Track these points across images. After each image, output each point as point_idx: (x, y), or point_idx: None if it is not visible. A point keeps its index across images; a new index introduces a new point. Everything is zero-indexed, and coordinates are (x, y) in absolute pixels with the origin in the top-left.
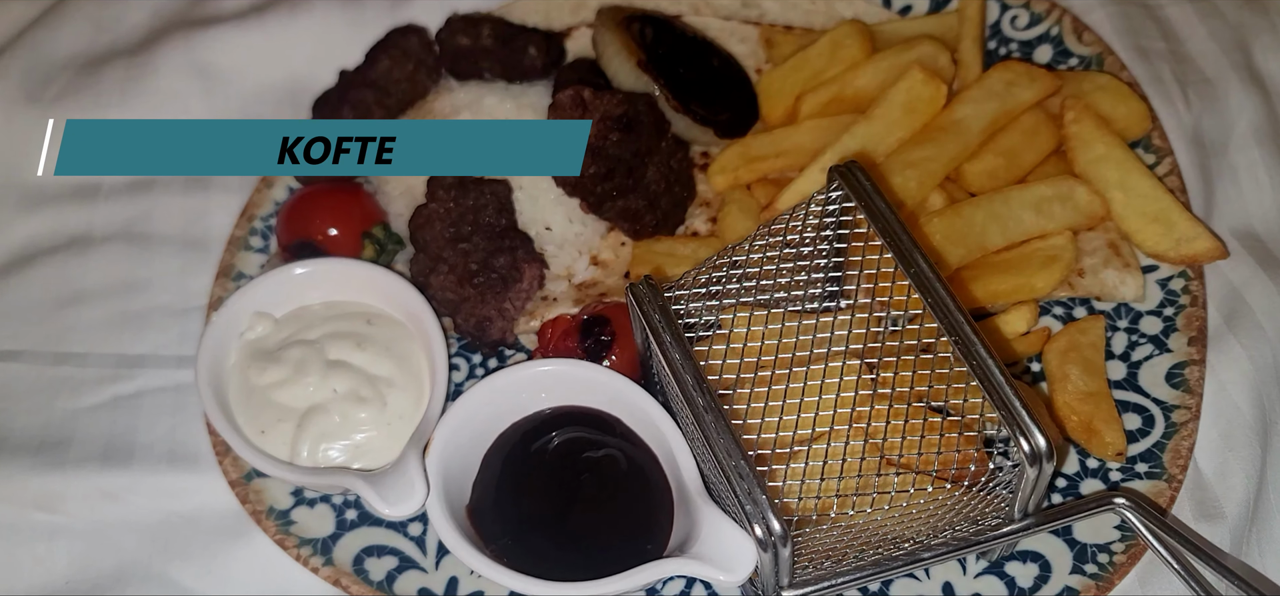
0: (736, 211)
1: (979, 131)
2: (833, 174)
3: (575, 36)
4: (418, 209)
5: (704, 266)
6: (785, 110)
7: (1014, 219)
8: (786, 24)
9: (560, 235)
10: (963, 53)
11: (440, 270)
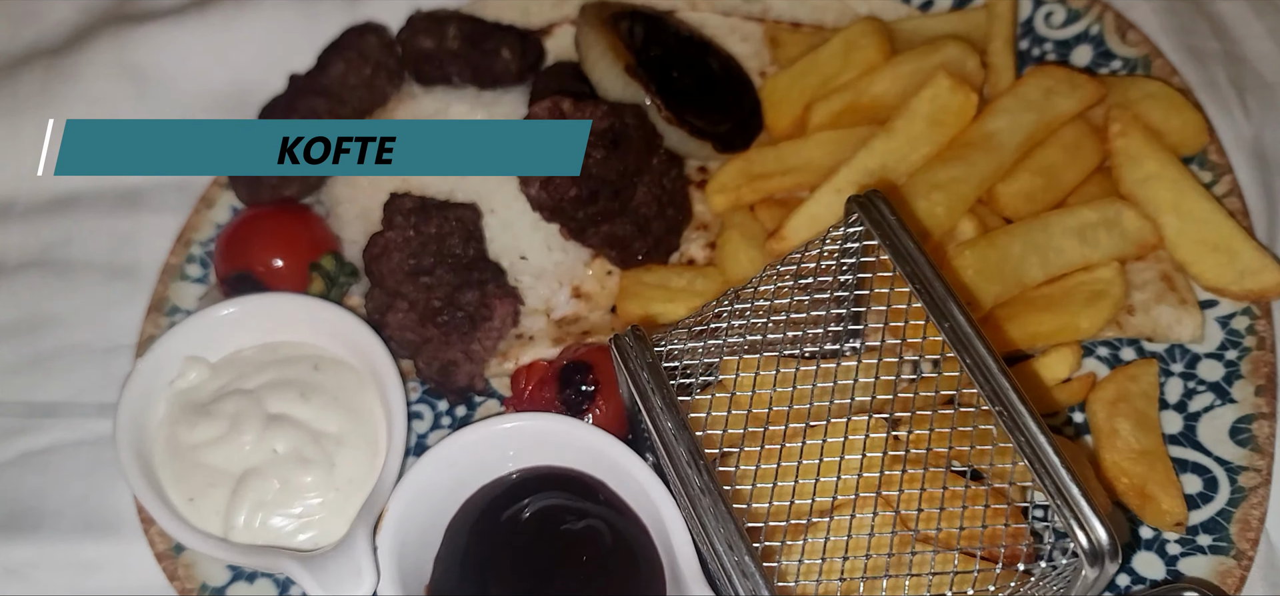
0: (738, 238)
1: (1014, 147)
2: (852, 205)
3: (556, 35)
4: (373, 237)
5: (701, 314)
6: (793, 120)
7: (1055, 249)
8: (794, 21)
9: (537, 264)
10: (993, 55)
11: (398, 307)
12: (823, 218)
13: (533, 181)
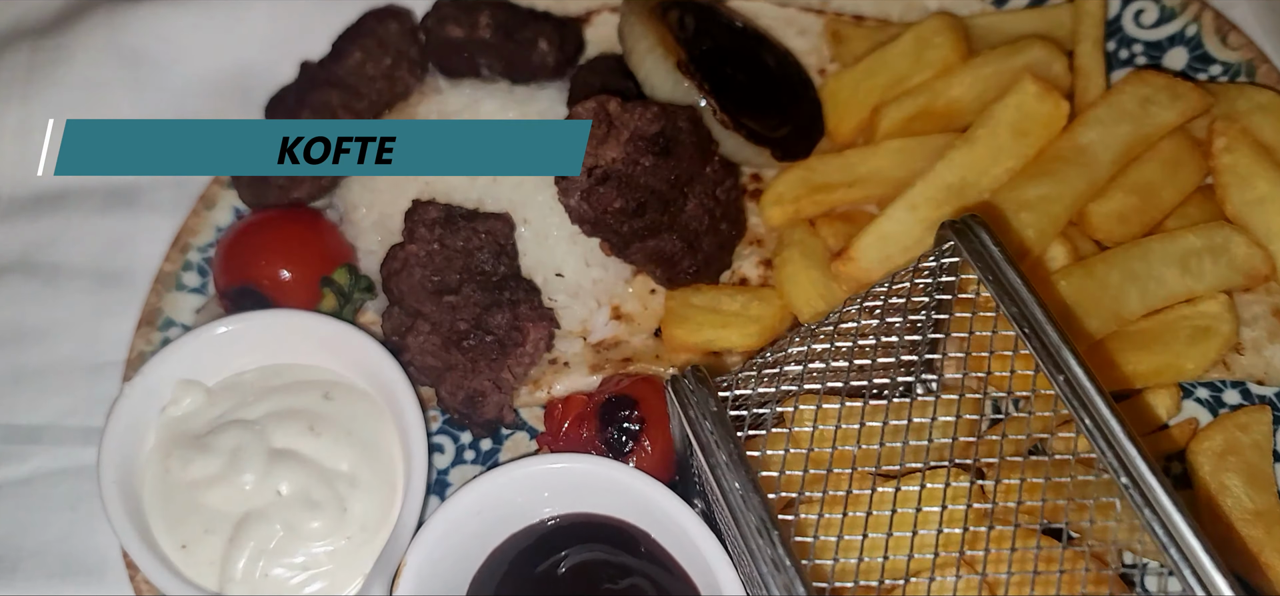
0: (799, 257)
1: (1109, 163)
2: (946, 231)
3: (596, 24)
4: (392, 250)
5: (770, 353)
6: (858, 124)
7: (1155, 278)
8: (857, 14)
9: (574, 282)
10: (1081, 57)
11: (420, 329)
12: (896, 237)
13: (573, 190)
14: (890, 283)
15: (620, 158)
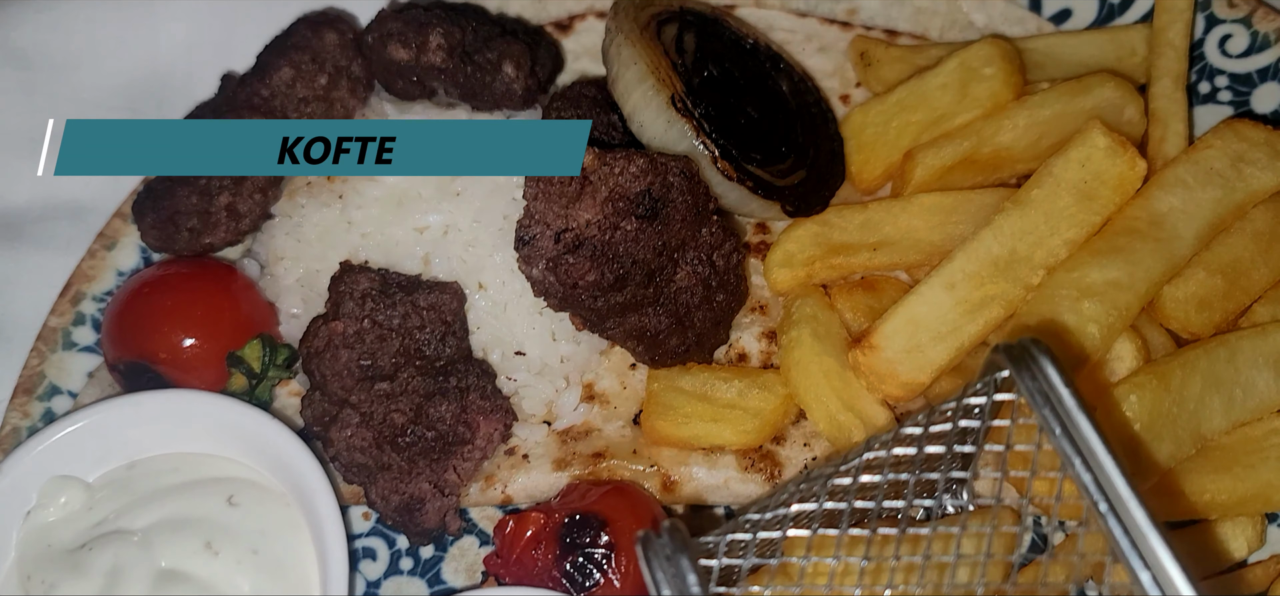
0: (809, 341)
1: (1192, 237)
2: (1000, 358)
3: (579, 32)
4: (314, 324)
5: (770, 507)
6: (886, 169)
7: (1243, 384)
8: (888, 28)
9: (539, 359)
10: (1158, 99)
11: (347, 421)
12: (928, 323)
13: (537, 259)
14: (928, 421)
15: (596, 220)
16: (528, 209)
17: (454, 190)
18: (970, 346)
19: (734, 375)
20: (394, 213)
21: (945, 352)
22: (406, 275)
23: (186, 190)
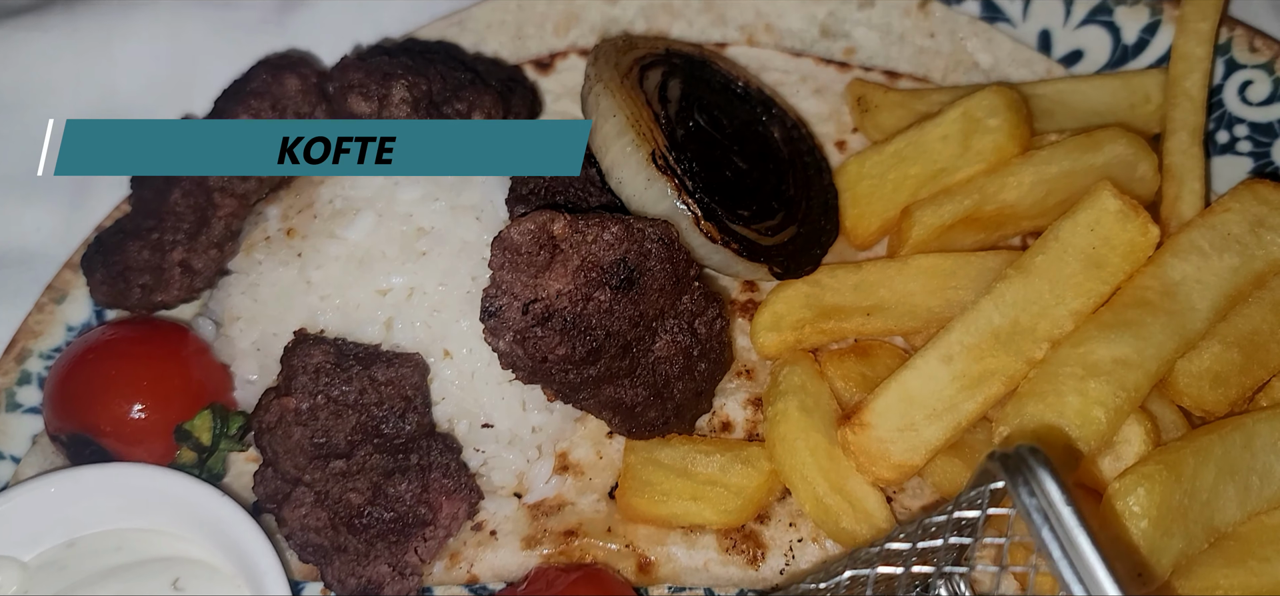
0: (796, 415)
1: (1208, 309)
2: (994, 467)
3: (560, 71)
4: (265, 397)
5: None
6: (883, 225)
7: (1260, 471)
8: (889, 69)
9: (509, 430)
10: (1173, 154)
11: (301, 499)
12: (923, 400)
13: (503, 331)
14: (913, 540)
15: (567, 291)
16: (494, 278)
17: (419, 250)
18: (968, 425)
19: (716, 448)
20: (355, 273)
21: (941, 432)
22: (364, 345)
23: (138, 245)
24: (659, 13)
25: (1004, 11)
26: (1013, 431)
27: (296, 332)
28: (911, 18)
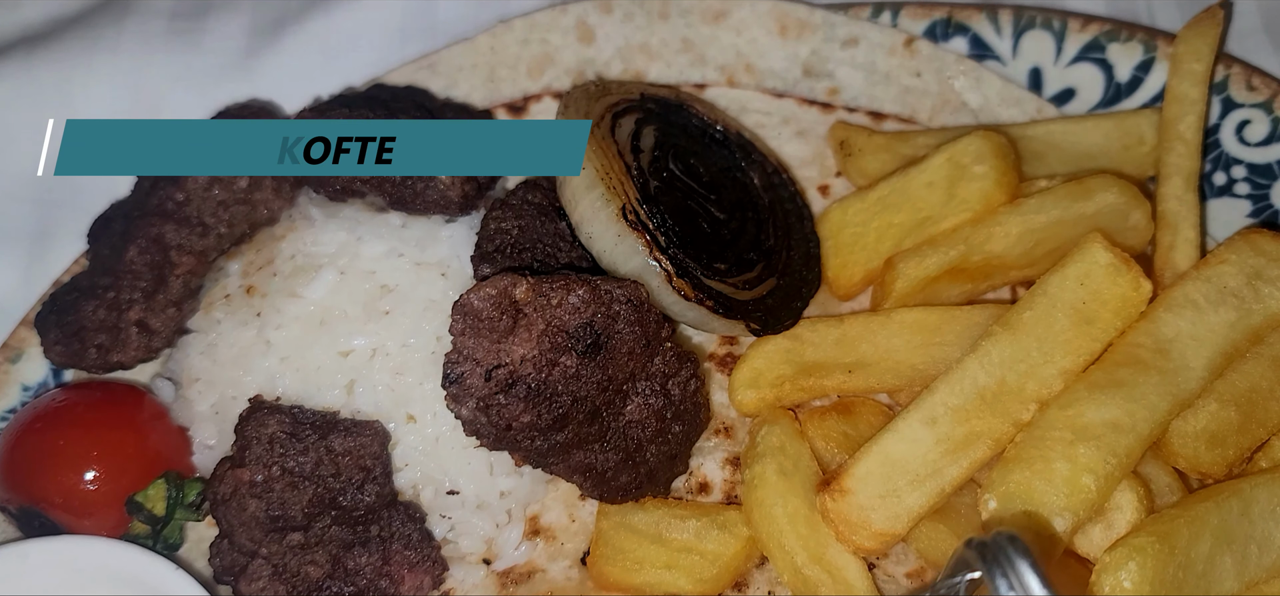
0: (774, 479)
1: (1203, 366)
2: (971, 556)
3: (533, 113)
4: (220, 467)
5: None
6: (866, 274)
7: (1259, 539)
8: (874, 110)
9: (476, 494)
10: (1167, 200)
11: (257, 573)
12: (905, 464)
13: (465, 398)
14: None
15: (531, 357)
16: (455, 344)
17: (382, 309)
18: (953, 490)
19: (691, 513)
20: (316, 334)
21: (924, 498)
22: (322, 413)
23: (93, 304)
24: (636, 54)
25: (993, 49)
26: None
27: (252, 400)
28: (897, 56)
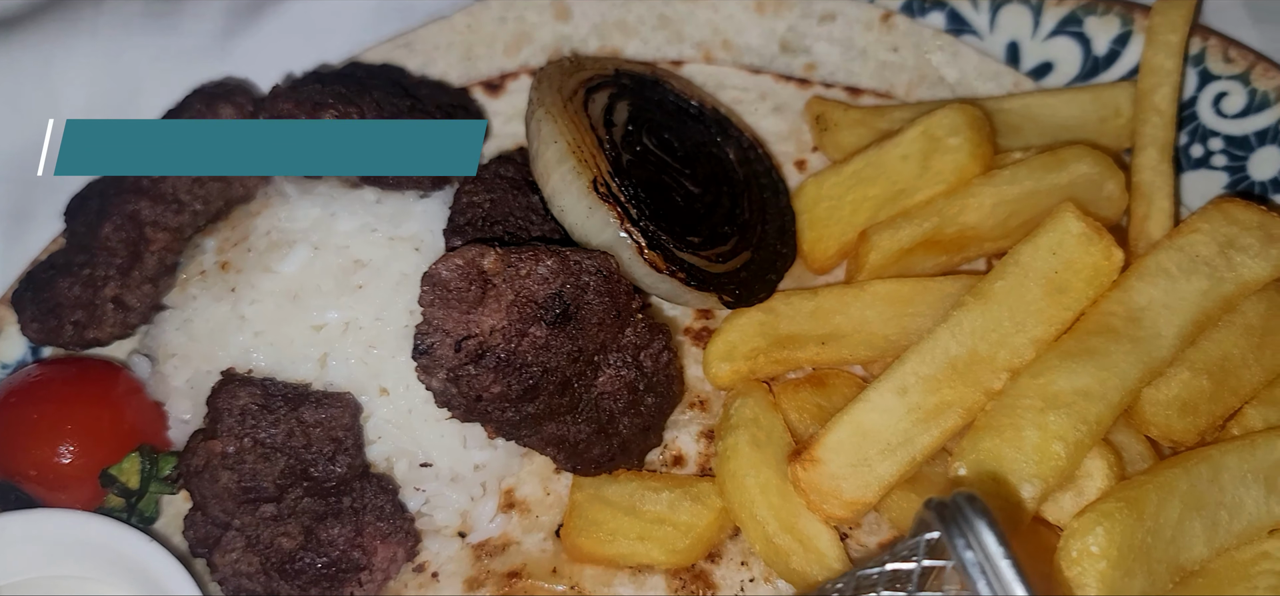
0: (746, 450)
1: (1173, 337)
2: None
3: (510, 92)
4: (193, 440)
5: None
6: (841, 248)
7: (1228, 505)
8: (851, 85)
9: (450, 467)
10: (1142, 169)
11: (231, 545)
12: (877, 434)
13: (437, 368)
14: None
15: (500, 327)
16: (425, 315)
17: (355, 284)
18: (924, 459)
19: (665, 485)
20: (289, 308)
21: (895, 467)
22: (294, 385)
23: (69, 281)
24: (613, 30)
25: (970, 23)
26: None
27: (224, 373)
28: (874, 32)
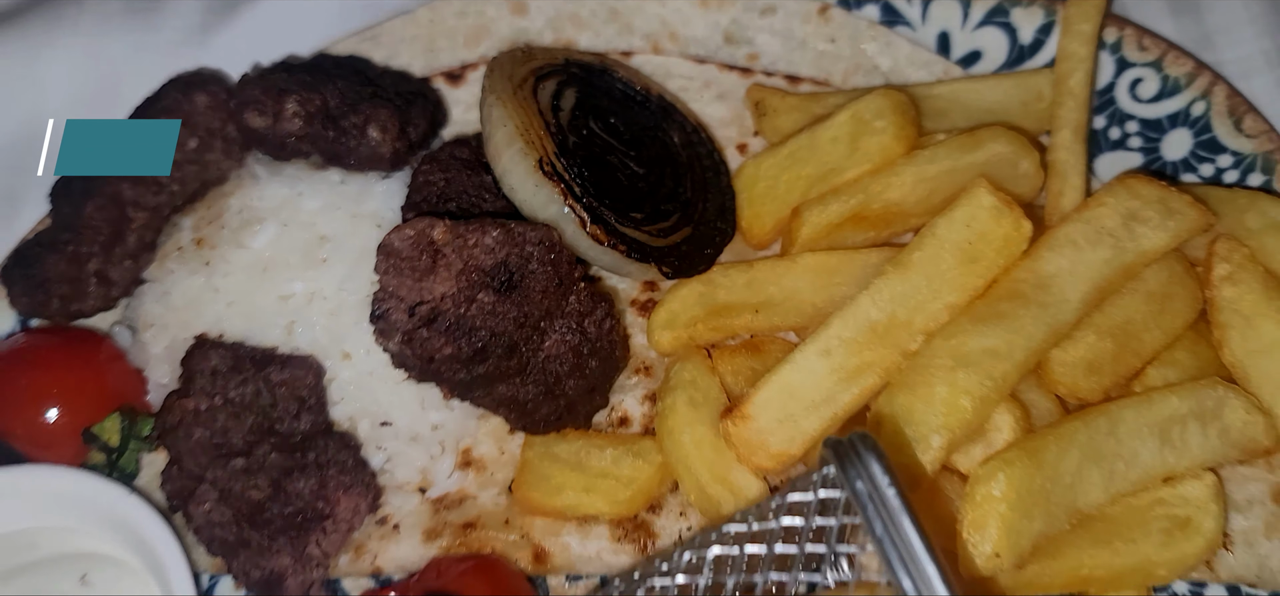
0: (683, 409)
1: (1079, 300)
2: (828, 454)
3: (469, 82)
4: (169, 400)
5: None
6: (776, 224)
7: (1125, 456)
8: (790, 74)
9: (409, 427)
10: (1057, 148)
11: (205, 497)
12: (801, 392)
13: (392, 331)
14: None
15: (450, 293)
16: (381, 283)
17: (320, 257)
18: (845, 416)
19: (609, 443)
20: (259, 280)
21: (818, 422)
22: (262, 349)
23: (55, 257)
24: (566, 23)
25: (903, 15)
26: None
27: (197, 337)
28: (811, 24)
